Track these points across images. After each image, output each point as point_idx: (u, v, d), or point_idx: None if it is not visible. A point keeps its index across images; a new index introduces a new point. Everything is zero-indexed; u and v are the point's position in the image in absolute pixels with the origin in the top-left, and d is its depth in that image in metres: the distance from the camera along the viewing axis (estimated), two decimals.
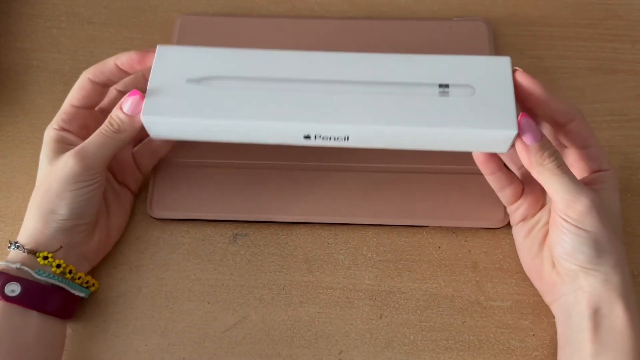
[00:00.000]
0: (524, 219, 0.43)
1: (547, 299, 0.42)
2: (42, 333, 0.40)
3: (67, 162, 0.39)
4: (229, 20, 0.54)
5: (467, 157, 0.48)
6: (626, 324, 0.37)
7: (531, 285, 0.45)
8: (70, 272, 0.41)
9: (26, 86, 0.53)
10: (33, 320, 0.39)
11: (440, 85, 0.40)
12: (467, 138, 0.40)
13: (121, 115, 0.40)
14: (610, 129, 0.50)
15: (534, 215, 0.43)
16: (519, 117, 0.38)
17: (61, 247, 0.41)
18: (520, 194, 0.43)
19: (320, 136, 0.40)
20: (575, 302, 0.39)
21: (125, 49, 0.54)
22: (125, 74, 0.42)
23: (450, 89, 0.40)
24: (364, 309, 0.45)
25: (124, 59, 0.41)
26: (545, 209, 0.42)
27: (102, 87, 0.43)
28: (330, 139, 0.40)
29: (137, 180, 0.47)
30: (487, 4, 0.56)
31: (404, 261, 0.46)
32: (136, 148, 0.46)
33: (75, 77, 0.44)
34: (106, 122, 0.40)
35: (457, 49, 0.51)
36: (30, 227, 0.41)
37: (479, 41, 0.52)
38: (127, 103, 0.40)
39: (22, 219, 0.48)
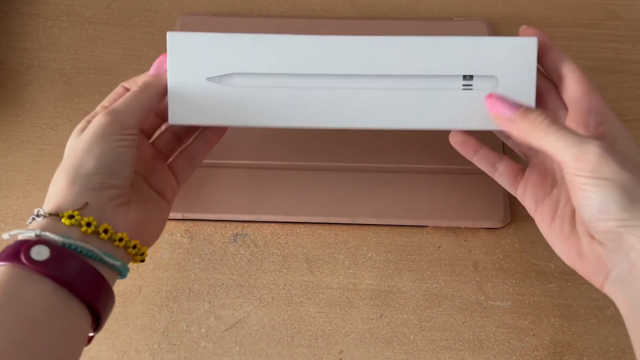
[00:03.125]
0: (538, 203, 0.39)
1: (598, 281, 0.36)
2: (68, 321, 0.32)
3: (96, 119, 0.36)
4: (230, 20, 0.54)
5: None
6: None
7: (531, 285, 0.45)
8: (106, 231, 0.34)
9: (27, 86, 0.53)
10: (58, 296, 0.32)
11: (465, 77, 0.39)
12: (488, 128, 0.39)
13: (147, 76, 0.39)
14: None
15: (548, 194, 0.39)
16: (485, 99, 0.38)
17: (87, 203, 0.34)
18: (518, 171, 0.40)
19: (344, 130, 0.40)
20: (631, 267, 0.33)
21: (126, 49, 0.54)
22: None
23: (474, 82, 0.39)
24: (364, 308, 0.45)
25: (153, 67, 0.41)
26: (560, 186, 0.39)
27: None
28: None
29: (174, 189, 0.42)
30: (487, 4, 0.56)
31: (404, 261, 0.46)
32: (172, 158, 0.43)
33: (76, 76, 0.44)
34: (133, 85, 0.39)
35: None
36: (53, 192, 0.35)
37: None
38: (154, 65, 0.40)
39: (22, 219, 0.48)
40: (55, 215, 0.34)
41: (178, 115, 0.39)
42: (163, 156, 0.43)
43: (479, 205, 0.47)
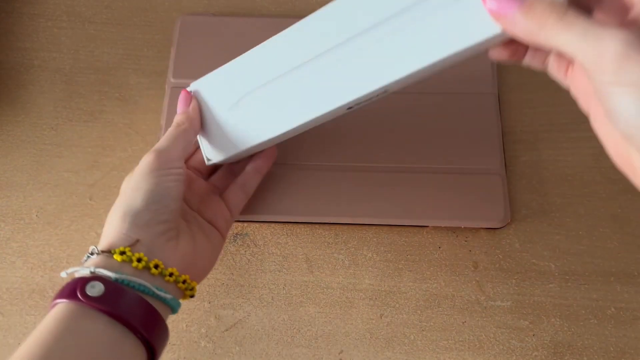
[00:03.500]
0: (590, 96, 0.32)
1: None
2: (125, 355, 0.33)
3: (144, 159, 0.38)
4: (230, 20, 0.54)
5: (467, 157, 0.48)
6: None
7: (531, 285, 0.45)
8: (156, 266, 0.35)
9: (27, 85, 0.53)
10: (115, 331, 0.32)
11: None
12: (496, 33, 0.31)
13: (177, 116, 0.41)
14: None
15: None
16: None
17: (138, 240, 0.35)
18: (569, 61, 0.32)
19: (359, 102, 0.37)
20: None
21: (126, 49, 0.54)
22: None
23: None
24: (364, 308, 0.45)
25: (179, 106, 0.43)
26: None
27: None
28: (370, 99, 0.37)
29: (227, 220, 0.43)
30: None
31: (404, 261, 0.46)
32: (226, 191, 0.45)
33: (76, 76, 0.44)
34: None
35: None
36: (106, 231, 0.36)
37: None
38: (179, 103, 0.42)
39: (22, 219, 0.48)
40: (108, 252, 0.35)
41: (212, 155, 0.42)
42: (218, 191, 0.44)
43: (479, 205, 0.47)
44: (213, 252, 0.41)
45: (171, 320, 0.44)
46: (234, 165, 0.46)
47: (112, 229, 0.36)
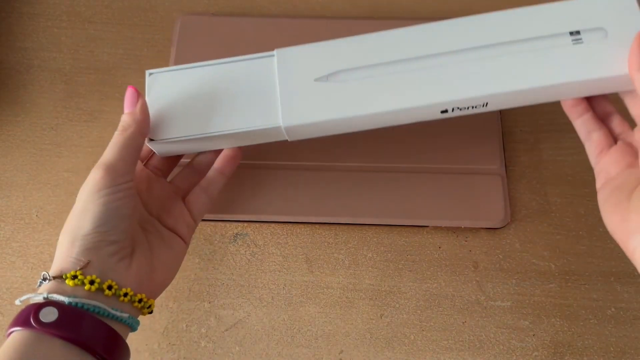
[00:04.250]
0: (609, 178, 0.39)
1: (631, 245, 0.36)
2: None
3: (91, 175, 0.37)
4: (230, 20, 0.54)
5: (467, 157, 0.48)
6: None
7: (531, 285, 0.45)
8: (110, 287, 0.34)
9: (27, 85, 0.53)
10: (72, 356, 0.32)
11: (572, 33, 0.38)
12: (607, 83, 0.39)
13: (123, 116, 0.39)
14: None
15: (620, 173, 0.39)
16: (636, 35, 0.37)
17: (89, 261, 0.34)
18: (609, 144, 0.40)
19: (458, 108, 0.39)
20: None
21: (126, 49, 0.54)
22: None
23: (582, 35, 0.38)
24: (364, 308, 0.45)
25: (125, 104, 0.40)
26: (635, 167, 0.38)
27: None
28: (468, 108, 0.39)
29: (190, 226, 0.42)
30: (487, 4, 0.56)
31: (404, 261, 0.46)
32: (189, 195, 0.43)
33: (76, 76, 0.44)
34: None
35: None
36: (57, 255, 0.36)
37: None
38: (125, 101, 0.39)
39: (22, 219, 0.48)
40: (60, 277, 0.34)
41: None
42: (180, 192, 0.43)
43: (479, 205, 0.47)
44: (174, 261, 0.40)
45: (171, 321, 0.44)
46: (198, 165, 0.44)
47: (62, 253, 0.35)
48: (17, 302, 0.34)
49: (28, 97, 0.53)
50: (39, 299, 0.33)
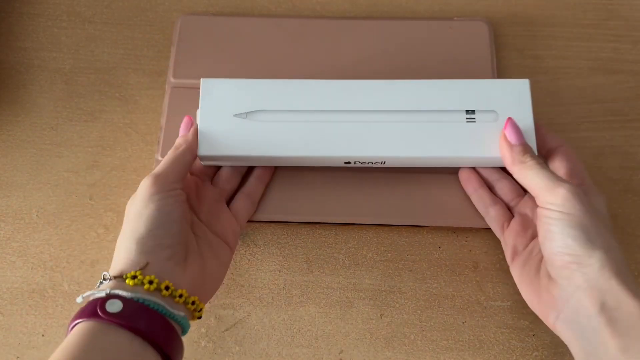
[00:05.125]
0: (517, 253, 0.42)
1: (550, 320, 0.39)
2: None
3: (142, 183, 0.39)
4: (230, 20, 0.54)
5: None
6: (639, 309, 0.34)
7: None
8: (167, 288, 0.36)
9: (27, 85, 0.53)
10: (135, 346, 0.34)
11: (467, 112, 0.44)
12: (492, 160, 0.44)
13: (178, 139, 0.43)
14: (610, 129, 0.50)
15: (525, 246, 0.42)
16: (506, 120, 0.42)
17: (147, 263, 0.37)
18: (507, 218, 0.44)
19: (359, 162, 0.44)
20: (578, 306, 0.36)
21: (126, 49, 0.54)
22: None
23: (476, 115, 0.43)
24: (364, 308, 0.45)
25: (180, 128, 0.45)
26: (536, 240, 0.42)
27: None
28: (367, 163, 0.44)
29: (235, 232, 0.44)
30: (488, 4, 0.56)
31: (404, 261, 0.46)
32: (233, 200, 0.46)
33: (76, 76, 0.44)
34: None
35: (458, 48, 0.51)
36: (116, 257, 0.38)
37: (480, 41, 0.52)
38: (181, 127, 0.44)
39: (22, 219, 0.48)
40: (120, 277, 0.36)
41: (207, 148, 0.43)
42: (225, 194, 0.45)
43: None
44: (221, 270, 0.42)
45: None
46: (239, 167, 0.47)
47: (122, 255, 0.37)
48: (78, 299, 0.36)
49: (28, 97, 0.53)
50: (101, 294, 0.35)
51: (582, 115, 0.51)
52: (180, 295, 0.37)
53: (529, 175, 0.40)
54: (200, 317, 0.39)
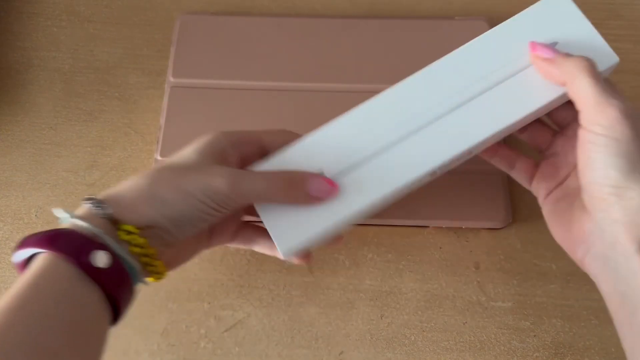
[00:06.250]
0: (550, 191, 0.39)
1: (579, 254, 0.36)
2: (105, 328, 0.32)
3: (221, 174, 0.34)
4: (230, 19, 0.54)
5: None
6: None
7: (532, 285, 0.45)
8: (147, 255, 0.33)
9: (26, 85, 0.53)
10: (103, 306, 0.31)
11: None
12: (560, 100, 0.38)
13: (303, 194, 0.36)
14: None
15: (560, 184, 0.39)
16: (529, 45, 0.38)
17: (149, 227, 0.32)
18: (533, 166, 0.41)
19: (445, 165, 0.38)
20: (614, 242, 0.33)
21: (126, 48, 0.54)
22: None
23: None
24: (364, 309, 0.45)
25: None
26: (572, 176, 0.38)
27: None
28: (453, 162, 0.39)
29: (222, 242, 0.41)
30: (488, 3, 0.56)
31: (405, 261, 0.46)
32: (242, 226, 0.42)
33: (76, 75, 0.44)
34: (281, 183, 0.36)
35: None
36: (128, 194, 0.33)
37: None
38: (318, 189, 0.36)
39: (21, 219, 0.48)
40: (115, 224, 0.32)
41: (287, 242, 0.36)
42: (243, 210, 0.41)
43: (480, 206, 0.47)
44: (191, 253, 0.39)
45: (171, 321, 0.44)
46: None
47: (132, 196, 0.33)
48: (58, 212, 0.32)
49: (27, 96, 0.52)
50: (87, 228, 0.31)
51: None
52: (155, 265, 0.33)
53: (581, 82, 0.34)
54: (159, 279, 0.35)
